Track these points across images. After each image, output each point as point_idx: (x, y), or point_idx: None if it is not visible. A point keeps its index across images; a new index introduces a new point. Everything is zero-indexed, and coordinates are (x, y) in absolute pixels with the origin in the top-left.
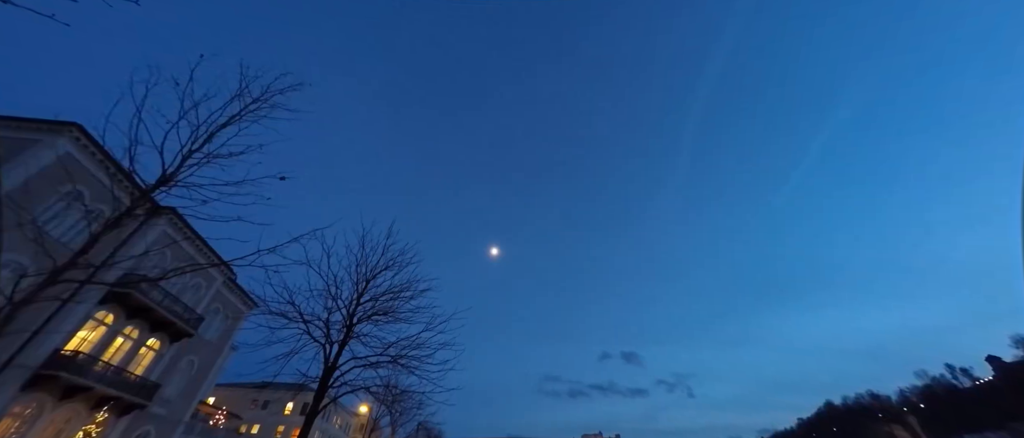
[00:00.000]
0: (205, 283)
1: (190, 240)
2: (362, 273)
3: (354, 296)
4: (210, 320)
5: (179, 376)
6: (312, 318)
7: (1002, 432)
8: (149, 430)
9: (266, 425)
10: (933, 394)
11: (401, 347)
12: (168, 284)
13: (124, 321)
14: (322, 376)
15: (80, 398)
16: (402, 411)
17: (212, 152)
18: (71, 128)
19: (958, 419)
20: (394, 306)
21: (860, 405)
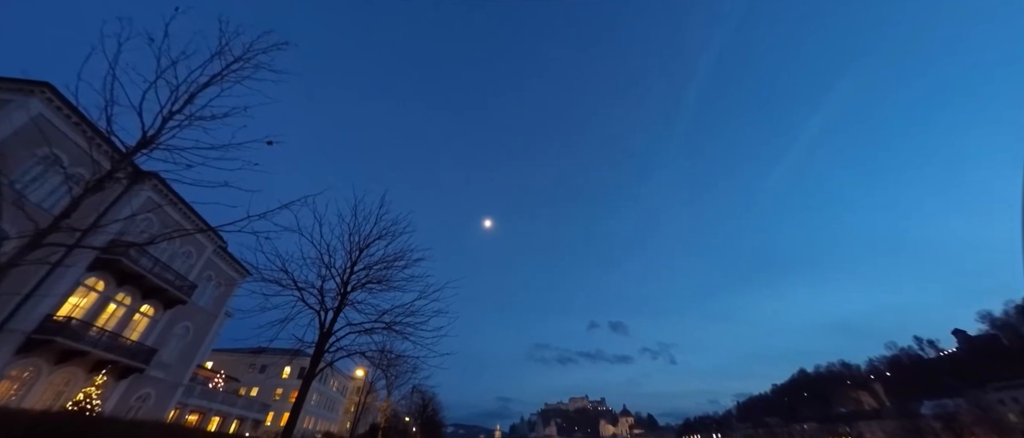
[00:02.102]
0: (195, 251)
1: (176, 206)
2: (355, 242)
3: (348, 265)
4: (203, 287)
5: (175, 341)
6: (306, 285)
7: (959, 399)
8: (149, 392)
9: (264, 388)
10: (899, 363)
11: (395, 314)
12: (158, 252)
13: (115, 288)
14: (318, 341)
15: (77, 362)
16: (397, 374)
17: (194, 114)
18: (42, 88)
19: (921, 386)
20: (388, 275)
21: (831, 373)
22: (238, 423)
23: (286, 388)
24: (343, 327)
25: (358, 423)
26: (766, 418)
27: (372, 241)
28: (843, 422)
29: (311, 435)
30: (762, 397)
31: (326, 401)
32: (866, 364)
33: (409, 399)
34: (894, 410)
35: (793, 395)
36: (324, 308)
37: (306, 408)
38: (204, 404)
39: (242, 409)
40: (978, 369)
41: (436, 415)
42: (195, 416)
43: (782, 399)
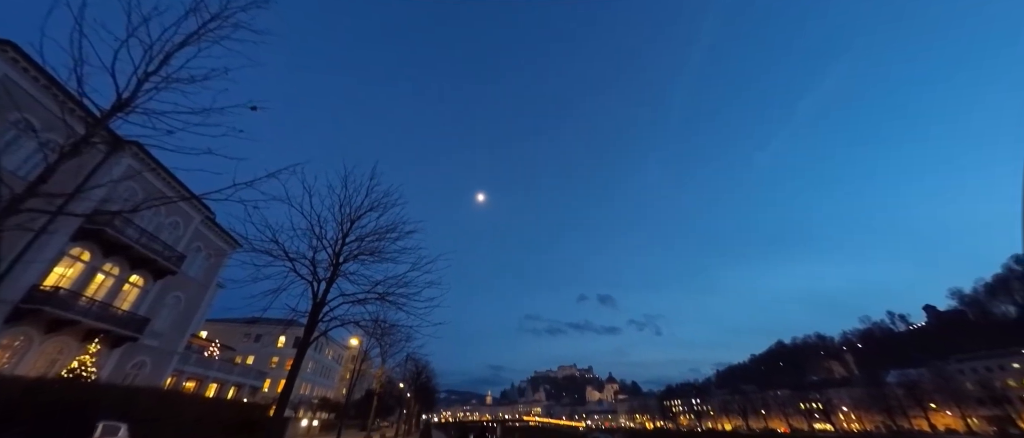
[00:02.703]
0: (182, 222)
1: (158, 174)
2: (346, 214)
3: (339, 236)
4: (192, 258)
5: (167, 311)
6: (297, 256)
7: (923, 369)
8: (144, 360)
9: (260, 357)
10: (871, 336)
11: (388, 285)
12: (144, 222)
13: (102, 258)
14: (311, 311)
15: (68, 331)
16: (391, 343)
17: (171, 75)
18: (4, 47)
19: (889, 358)
20: (380, 247)
21: (807, 345)
22: (235, 389)
23: (282, 356)
24: (336, 297)
25: (353, 389)
26: (742, 386)
27: (364, 213)
28: (814, 389)
29: (308, 400)
30: (740, 366)
31: (322, 369)
32: (840, 336)
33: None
34: (862, 379)
35: (769, 364)
36: (317, 279)
37: (302, 375)
38: (201, 371)
39: (239, 376)
40: (944, 342)
41: (430, 382)
42: (192, 383)
43: (759, 368)
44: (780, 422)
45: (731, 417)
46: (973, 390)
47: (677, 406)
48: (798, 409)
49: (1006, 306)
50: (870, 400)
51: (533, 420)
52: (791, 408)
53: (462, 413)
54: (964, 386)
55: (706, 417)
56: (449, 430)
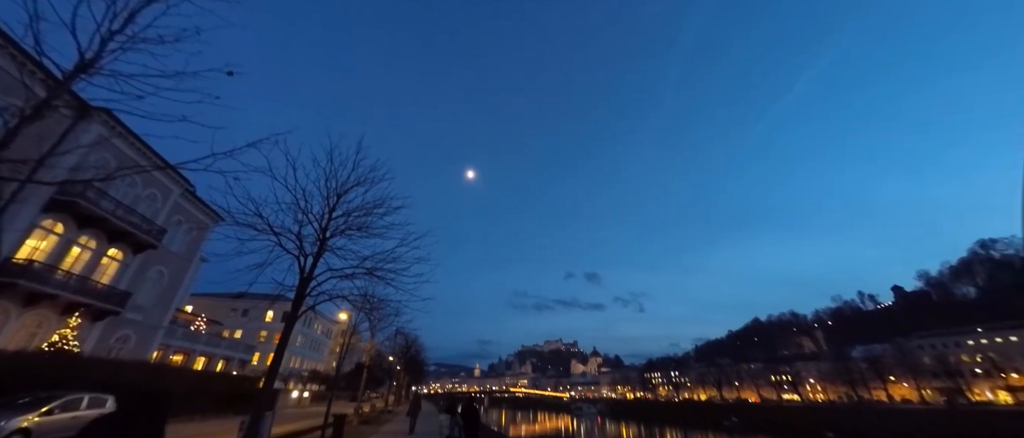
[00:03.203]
0: (161, 194)
1: (130, 142)
2: (332, 188)
3: (325, 211)
4: (173, 232)
5: (149, 285)
6: (282, 230)
7: (886, 344)
8: (128, 334)
9: (248, 331)
10: (841, 314)
11: (376, 260)
12: (120, 194)
13: (76, 230)
14: (298, 286)
15: (46, 305)
16: (380, 318)
17: (138, 34)
18: None
19: (857, 335)
20: (367, 222)
21: (781, 321)
22: (224, 363)
23: (270, 330)
24: (324, 272)
25: (343, 362)
26: (719, 359)
27: (350, 188)
28: (785, 363)
29: (298, 373)
30: (718, 341)
31: (311, 343)
32: (813, 314)
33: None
34: (830, 354)
35: (745, 340)
36: (303, 253)
37: (292, 349)
38: (187, 345)
39: (227, 350)
40: (908, 321)
41: (419, 355)
42: (180, 357)
43: (735, 343)
44: (752, 393)
45: (707, 388)
46: (929, 364)
47: (657, 378)
48: (769, 381)
49: (967, 288)
50: (835, 373)
51: (520, 391)
52: (762, 380)
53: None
54: (922, 361)
55: (683, 388)
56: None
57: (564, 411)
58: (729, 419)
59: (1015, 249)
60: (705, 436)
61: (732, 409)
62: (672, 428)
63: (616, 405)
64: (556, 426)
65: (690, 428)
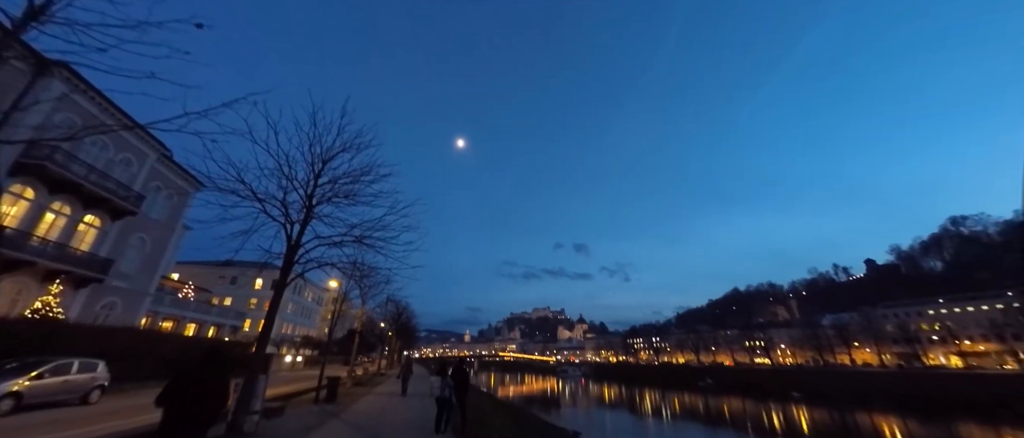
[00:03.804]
0: (136, 159)
1: (93, 99)
2: (317, 154)
3: (311, 177)
4: (153, 198)
5: (132, 253)
6: (267, 197)
7: (853, 313)
8: (114, 301)
9: (238, 298)
10: (815, 285)
11: (365, 228)
12: (92, 158)
13: (48, 196)
14: (286, 253)
15: (24, 271)
16: (370, 286)
17: None
18: None
19: (828, 304)
20: (355, 189)
21: (759, 291)
22: (215, 329)
23: (260, 298)
24: (312, 239)
25: (334, 329)
26: (698, 326)
27: (336, 154)
28: (759, 330)
29: (290, 339)
30: (698, 310)
31: (302, 310)
32: (789, 285)
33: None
34: (801, 321)
35: (724, 308)
36: (289, 221)
37: (283, 316)
38: (177, 312)
39: (218, 317)
40: (877, 292)
41: (410, 322)
42: (169, 323)
43: (714, 311)
44: (727, 357)
45: (685, 353)
46: (891, 332)
47: (639, 344)
48: (743, 346)
49: (934, 262)
50: (805, 339)
51: (508, 356)
52: (737, 345)
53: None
54: (884, 328)
55: (664, 353)
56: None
57: (550, 374)
58: (704, 380)
59: (983, 226)
60: (682, 395)
61: (707, 371)
62: (651, 388)
63: (600, 368)
64: (542, 387)
65: (668, 388)
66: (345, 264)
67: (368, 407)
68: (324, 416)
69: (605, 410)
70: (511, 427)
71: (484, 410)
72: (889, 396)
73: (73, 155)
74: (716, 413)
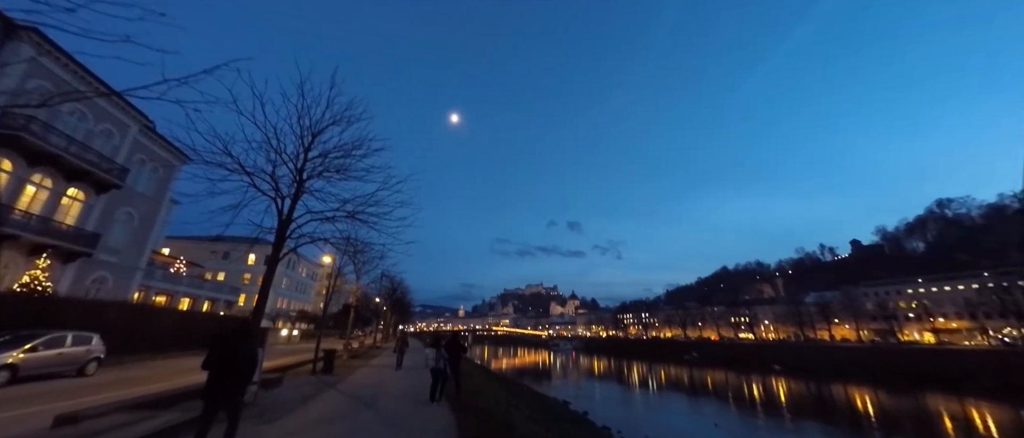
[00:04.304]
0: (117, 130)
1: (65, 64)
2: (306, 126)
3: (300, 151)
4: (138, 171)
5: (120, 227)
6: (255, 170)
7: (835, 292)
8: (105, 276)
9: (231, 273)
10: (801, 264)
11: (357, 204)
12: (70, 129)
13: (26, 168)
14: (277, 228)
15: (10, 245)
16: (364, 261)
17: None
18: None
19: (812, 283)
20: (346, 164)
21: (746, 270)
22: (210, 304)
23: (254, 273)
24: (303, 214)
25: (329, 303)
26: (686, 303)
27: (325, 127)
28: (745, 307)
29: (286, 313)
30: (687, 287)
31: (297, 285)
32: (776, 264)
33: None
34: (786, 299)
35: (712, 286)
36: (280, 195)
37: (278, 291)
38: (169, 287)
39: (211, 291)
40: (860, 272)
41: (405, 297)
42: (163, 298)
43: (703, 289)
44: (713, 332)
45: (673, 328)
46: (871, 309)
47: (629, 319)
48: (729, 322)
49: (917, 243)
50: (788, 316)
51: (502, 330)
52: (723, 321)
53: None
54: (864, 306)
55: (652, 328)
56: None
57: (543, 347)
58: (690, 354)
59: (967, 209)
60: (668, 368)
61: (694, 346)
62: (639, 361)
63: (590, 342)
64: (535, 360)
65: (655, 361)
66: (338, 239)
67: (365, 378)
68: (321, 386)
69: (594, 381)
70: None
71: (478, 381)
72: (864, 369)
73: (50, 126)
74: (700, 384)
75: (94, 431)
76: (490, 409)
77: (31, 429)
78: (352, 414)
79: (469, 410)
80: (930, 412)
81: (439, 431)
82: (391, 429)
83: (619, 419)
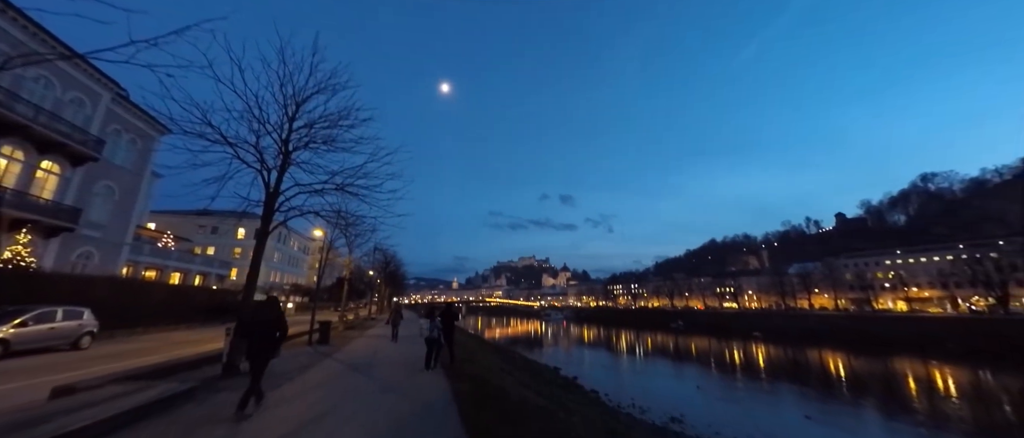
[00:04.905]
0: (88, 99)
1: (22, 24)
2: (288, 94)
3: (285, 121)
4: (114, 143)
5: (101, 201)
6: (238, 141)
7: (817, 263)
8: (90, 251)
9: (221, 248)
10: (786, 237)
11: (346, 176)
12: (38, 98)
13: None
14: (265, 201)
15: None
16: (356, 235)
17: None
18: None
19: (797, 254)
20: (333, 135)
21: (734, 243)
22: (202, 278)
23: (245, 247)
24: (291, 186)
25: (323, 277)
26: (675, 274)
27: (310, 95)
28: (731, 278)
29: (279, 287)
30: (676, 259)
31: (289, 258)
32: (763, 236)
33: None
34: (770, 270)
35: (700, 258)
36: (266, 167)
37: (270, 265)
38: (158, 262)
39: (202, 266)
40: (843, 244)
41: (398, 270)
42: (152, 273)
43: (691, 261)
44: (699, 302)
45: (661, 298)
46: (850, 279)
47: (618, 290)
48: (715, 293)
49: (898, 216)
50: (771, 286)
51: (494, 301)
52: (709, 292)
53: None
54: (844, 276)
55: (641, 299)
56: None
57: (534, 317)
58: (676, 323)
59: (949, 183)
60: (655, 336)
61: (680, 315)
62: (627, 330)
63: (581, 312)
64: (527, 329)
65: (643, 330)
66: (328, 213)
67: (360, 348)
68: (318, 356)
69: (584, 349)
70: (496, 363)
71: (471, 349)
72: (839, 335)
73: (15, 94)
74: (684, 350)
75: (91, 402)
76: (483, 375)
77: (28, 401)
78: (349, 382)
79: (463, 376)
80: (896, 374)
81: (434, 396)
82: (388, 394)
83: (607, 383)
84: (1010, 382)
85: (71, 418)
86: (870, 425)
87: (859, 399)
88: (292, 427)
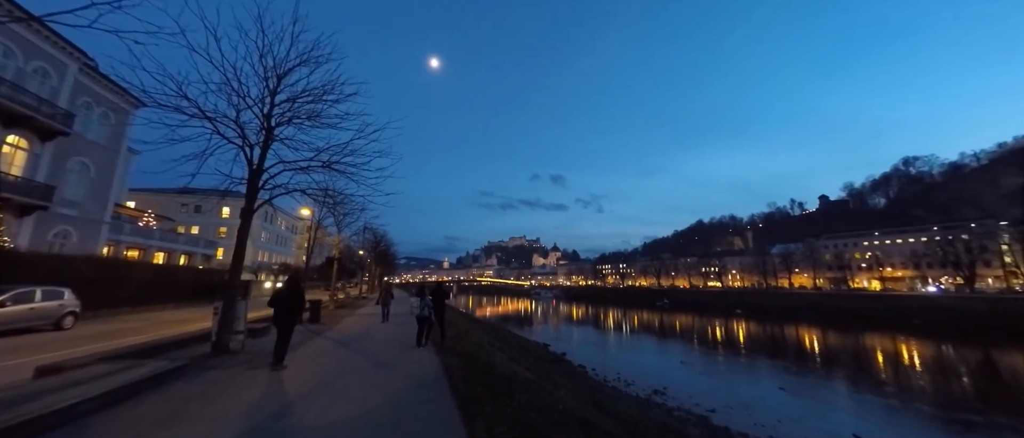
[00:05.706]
0: (53, 69)
1: None
2: (269, 66)
3: (266, 95)
4: (86, 117)
5: (75, 178)
6: (217, 115)
7: (799, 244)
8: (67, 230)
9: (206, 227)
10: (771, 218)
11: (333, 153)
12: None
13: None
14: (249, 179)
15: None
16: (345, 214)
17: None
18: None
19: (780, 235)
20: (318, 110)
21: (721, 223)
22: (186, 258)
23: (230, 226)
24: (276, 164)
25: (312, 256)
26: (662, 254)
27: (292, 67)
28: (715, 258)
29: (268, 266)
30: (664, 239)
31: (277, 238)
32: (748, 218)
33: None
34: (754, 251)
35: (687, 238)
36: (247, 143)
37: (258, 244)
38: (141, 241)
39: (187, 245)
40: (825, 225)
41: (388, 249)
42: (135, 252)
43: (678, 241)
44: (684, 281)
45: (648, 278)
46: (829, 260)
47: (607, 270)
48: (700, 272)
49: (879, 198)
50: (754, 266)
51: (485, 281)
52: (694, 271)
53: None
54: (823, 257)
55: (629, 278)
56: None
57: (525, 296)
58: (661, 301)
59: (930, 167)
60: (641, 313)
61: (665, 293)
62: (615, 308)
63: (570, 291)
64: (517, 308)
65: (629, 308)
66: (315, 191)
67: (351, 326)
68: (309, 335)
69: (572, 326)
70: (486, 340)
71: (462, 327)
72: (816, 312)
73: None
74: (669, 327)
75: (78, 380)
76: (474, 351)
77: (12, 381)
78: (341, 359)
79: (454, 353)
80: (867, 348)
81: (425, 372)
82: (380, 370)
83: (594, 359)
84: (969, 355)
85: (57, 396)
86: (839, 396)
87: (831, 372)
88: (286, 401)
